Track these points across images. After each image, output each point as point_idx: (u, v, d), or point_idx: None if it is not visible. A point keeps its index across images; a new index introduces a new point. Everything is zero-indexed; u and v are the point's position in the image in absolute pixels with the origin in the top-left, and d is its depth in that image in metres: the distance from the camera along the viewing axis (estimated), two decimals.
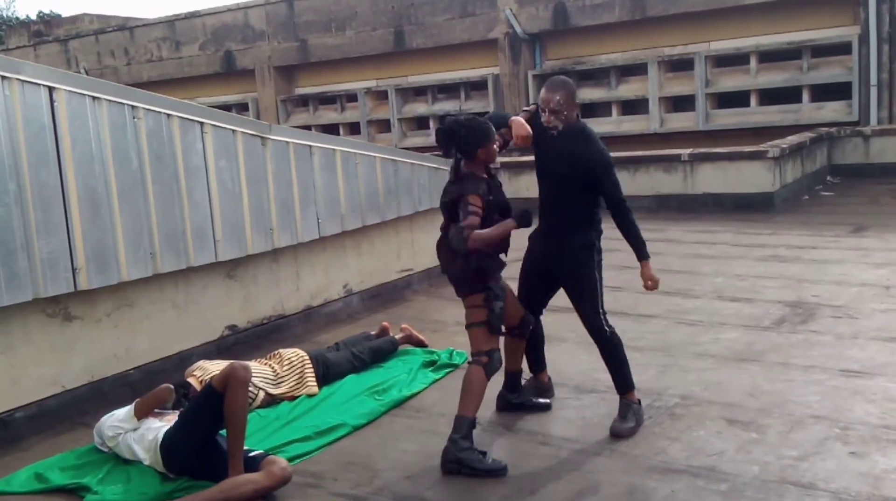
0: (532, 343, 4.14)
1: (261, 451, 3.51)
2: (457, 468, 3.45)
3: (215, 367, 4.19)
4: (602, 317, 3.85)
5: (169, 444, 3.47)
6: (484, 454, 3.51)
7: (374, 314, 6.22)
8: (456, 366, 4.81)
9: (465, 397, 3.55)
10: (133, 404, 3.72)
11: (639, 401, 3.88)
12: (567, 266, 3.89)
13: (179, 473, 3.48)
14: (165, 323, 4.84)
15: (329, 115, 18.09)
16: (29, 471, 3.63)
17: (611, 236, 3.98)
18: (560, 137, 3.78)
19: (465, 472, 3.43)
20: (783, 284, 6.44)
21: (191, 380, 4.16)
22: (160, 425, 3.61)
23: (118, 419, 3.70)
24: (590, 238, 3.84)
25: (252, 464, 3.33)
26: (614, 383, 3.91)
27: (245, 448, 3.38)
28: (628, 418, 3.78)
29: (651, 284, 3.83)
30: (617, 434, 3.72)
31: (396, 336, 5.18)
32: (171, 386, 3.79)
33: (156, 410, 3.73)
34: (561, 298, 6.51)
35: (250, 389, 4.16)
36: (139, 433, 3.62)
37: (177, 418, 3.59)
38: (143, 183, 4.56)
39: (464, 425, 3.49)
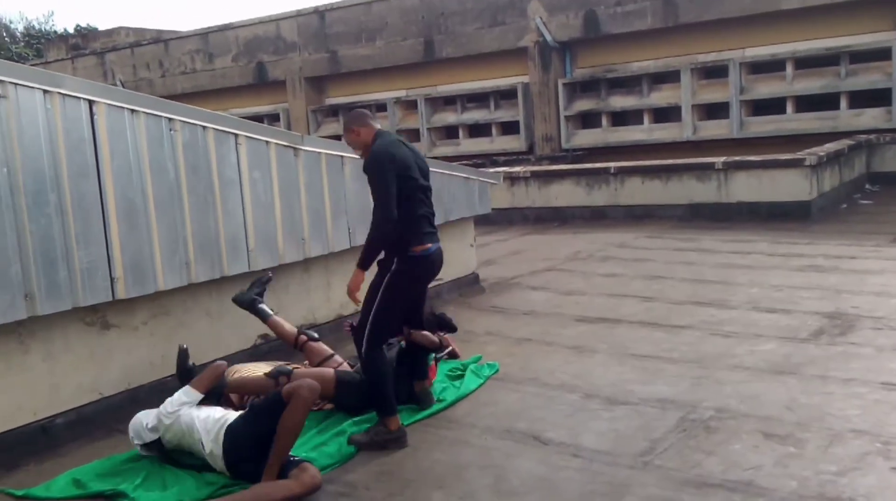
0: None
1: (294, 457, 3.54)
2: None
3: (253, 367, 4.34)
4: (363, 339, 3.99)
5: (234, 431, 3.56)
6: None
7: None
8: (486, 377, 4.79)
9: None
10: (187, 386, 3.83)
11: (398, 428, 3.93)
12: None
13: (231, 463, 3.53)
14: (200, 331, 4.90)
15: None
16: (67, 477, 3.69)
17: (641, 247, 3.93)
18: None
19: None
20: (821, 294, 6.32)
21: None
22: (225, 412, 3.71)
23: (178, 401, 3.78)
24: (388, 260, 4.07)
25: (284, 469, 3.37)
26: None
27: None
28: (370, 433, 3.92)
29: (352, 288, 4.04)
30: (351, 441, 3.91)
31: None
32: (225, 362, 3.96)
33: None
34: (588, 307, 6.48)
35: None
36: (204, 413, 3.70)
37: (245, 410, 3.74)
38: (179, 194, 4.63)
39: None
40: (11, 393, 4.03)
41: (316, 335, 4.79)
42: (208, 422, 3.64)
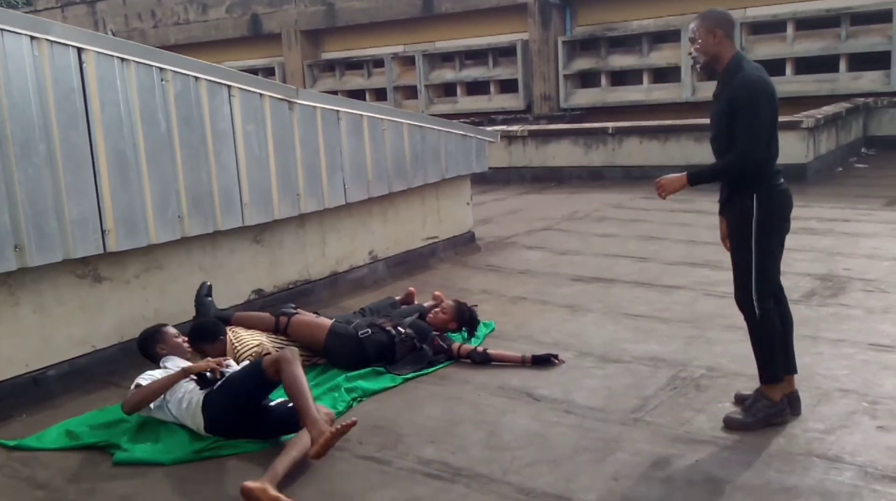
0: None
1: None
2: None
3: (249, 335, 4.30)
4: (752, 295, 3.39)
5: (212, 403, 3.51)
6: None
7: (399, 280, 6.24)
8: (483, 336, 4.79)
9: None
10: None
11: (782, 399, 3.42)
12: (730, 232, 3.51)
13: (217, 433, 3.52)
14: (193, 286, 4.86)
15: (355, 80, 17.99)
16: (60, 428, 3.71)
17: (637, 207, 3.88)
18: (718, 79, 3.44)
19: None
20: (814, 257, 6.33)
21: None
22: (192, 387, 3.64)
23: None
24: (744, 201, 3.41)
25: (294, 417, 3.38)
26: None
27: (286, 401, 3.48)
28: (750, 410, 3.43)
29: (665, 187, 3.55)
30: (727, 424, 3.45)
31: (426, 303, 5.18)
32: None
33: (167, 356, 3.82)
34: (583, 267, 6.48)
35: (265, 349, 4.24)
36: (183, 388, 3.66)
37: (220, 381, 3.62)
38: (170, 146, 4.57)
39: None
40: (2, 345, 4.03)
41: (293, 305, 4.66)
42: (187, 396, 3.61)
